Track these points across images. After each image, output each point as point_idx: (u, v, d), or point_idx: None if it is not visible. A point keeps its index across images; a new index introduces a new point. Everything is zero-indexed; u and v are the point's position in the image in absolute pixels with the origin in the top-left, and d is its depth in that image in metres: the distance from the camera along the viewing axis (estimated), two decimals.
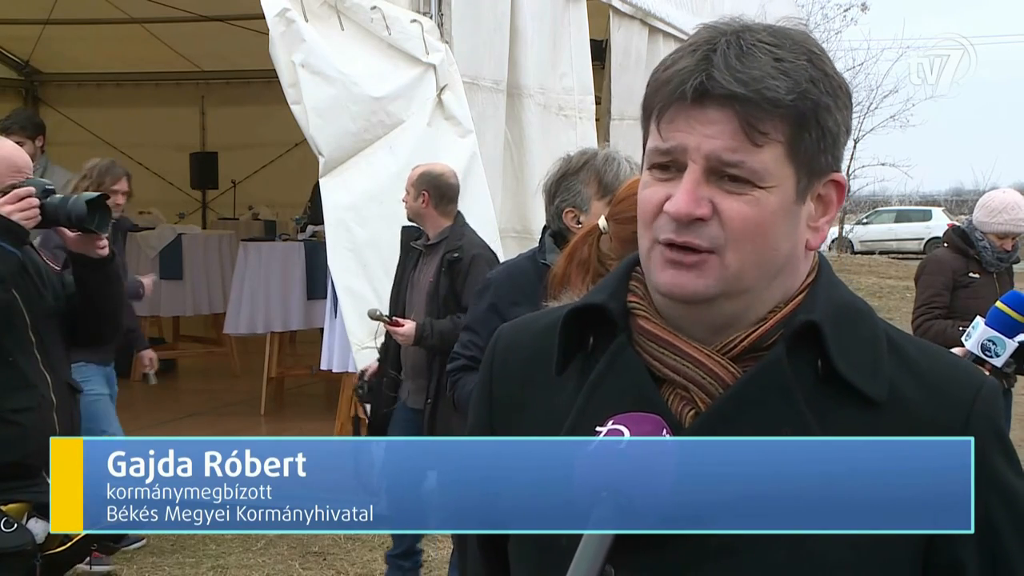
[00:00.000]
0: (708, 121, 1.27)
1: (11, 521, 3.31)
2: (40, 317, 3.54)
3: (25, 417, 3.43)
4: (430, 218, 5.18)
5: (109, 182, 5.89)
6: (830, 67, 1.31)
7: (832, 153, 1.32)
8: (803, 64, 1.28)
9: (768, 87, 1.25)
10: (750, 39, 1.28)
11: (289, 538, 6.62)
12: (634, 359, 1.35)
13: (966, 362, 1.45)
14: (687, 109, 1.28)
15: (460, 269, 5.05)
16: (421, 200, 5.18)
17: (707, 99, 1.26)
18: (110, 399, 5.99)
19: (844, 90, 1.33)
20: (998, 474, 1.32)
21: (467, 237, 5.18)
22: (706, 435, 1.29)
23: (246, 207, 12.89)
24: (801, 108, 1.27)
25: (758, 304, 1.33)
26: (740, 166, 1.27)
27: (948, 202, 44.12)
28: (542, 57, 7.90)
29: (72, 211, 3.48)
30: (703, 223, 1.28)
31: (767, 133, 1.26)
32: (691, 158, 1.28)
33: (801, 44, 1.30)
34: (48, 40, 11.53)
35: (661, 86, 1.30)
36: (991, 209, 5.90)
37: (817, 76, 1.29)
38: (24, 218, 3.44)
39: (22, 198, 3.44)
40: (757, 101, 1.25)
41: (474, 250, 5.10)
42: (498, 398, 1.48)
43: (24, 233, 3.46)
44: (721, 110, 1.26)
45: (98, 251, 3.56)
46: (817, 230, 1.35)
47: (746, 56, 1.27)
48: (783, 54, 1.28)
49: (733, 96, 1.25)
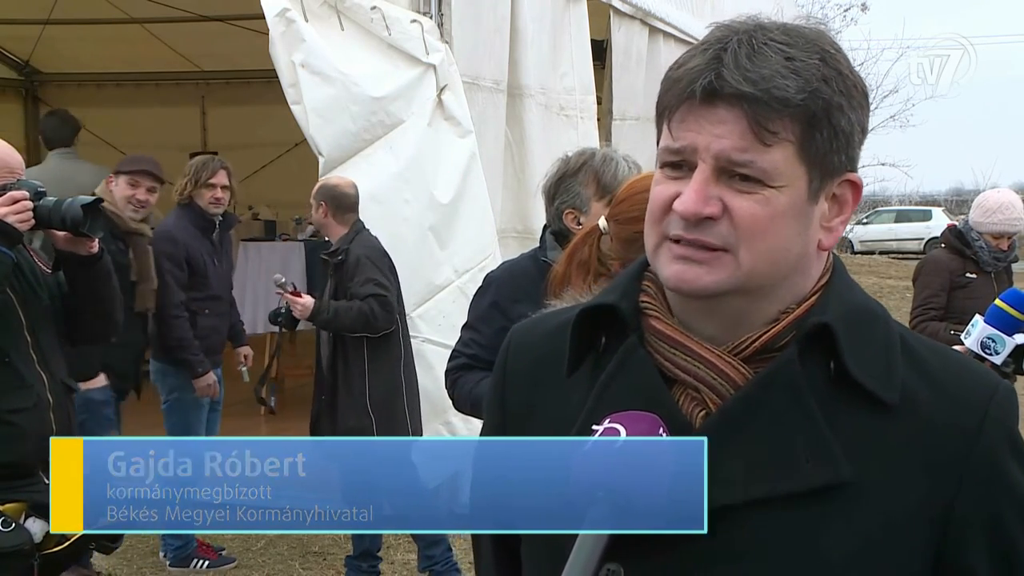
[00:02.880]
0: (718, 120, 1.26)
1: (9, 520, 3.31)
2: (36, 317, 3.54)
3: (21, 417, 3.42)
4: (331, 227, 5.51)
5: (205, 176, 5.99)
6: (845, 66, 1.30)
7: (846, 153, 1.31)
8: (815, 63, 1.27)
9: (777, 86, 1.25)
10: (762, 38, 1.27)
11: (289, 538, 6.62)
12: (645, 359, 1.35)
13: (982, 366, 1.43)
14: (697, 108, 1.27)
15: (346, 268, 5.37)
16: (321, 211, 5.51)
17: (717, 98, 1.26)
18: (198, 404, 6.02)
19: (859, 89, 1.31)
20: (1011, 480, 1.31)
21: (357, 240, 5.45)
22: (715, 436, 1.28)
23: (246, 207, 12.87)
24: (812, 107, 1.26)
25: (769, 303, 1.32)
26: (750, 166, 1.26)
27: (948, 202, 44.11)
28: (543, 57, 7.89)
29: (67, 214, 3.48)
30: (713, 222, 1.27)
31: (777, 132, 1.26)
32: (701, 157, 1.27)
33: (814, 43, 1.29)
34: (48, 40, 11.51)
35: (672, 85, 1.30)
36: (986, 209, 5.91)
37: (830, 75, 1.27)
38: (18, 220, 3.43)
39: (16, 200, 3.44)
40: (766, 100, 1.24)
41: (359, 250, 5.40)
42: (510, 400, 1.47)
43: (17, 235, 3.45)
44: (730, 109, 1.26)
45: (88, 249, 3.56)
46: (831, 230, 1.34)
47: (757, 55, 1.26)
48: (794, 53, 1.27)
49: (742, 95, 1.25)
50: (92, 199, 3.53)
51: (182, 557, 6.11)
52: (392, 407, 5.40)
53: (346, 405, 5.37)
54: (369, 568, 5.74)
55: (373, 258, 5.41)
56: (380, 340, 5.39)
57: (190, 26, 11.09)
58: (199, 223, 6.08)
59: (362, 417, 5.33)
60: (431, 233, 6.44)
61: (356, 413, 5.34)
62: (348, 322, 5.28)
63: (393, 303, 5.39)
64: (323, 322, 5.36)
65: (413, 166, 6.38)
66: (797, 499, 1.26)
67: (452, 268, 6.54)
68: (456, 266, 6.55)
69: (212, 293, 6.13)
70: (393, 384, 5.44)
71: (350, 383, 5.36)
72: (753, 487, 1.27)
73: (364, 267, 5.34)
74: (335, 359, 5.40)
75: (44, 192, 3.54)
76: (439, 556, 5.59)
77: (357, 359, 5.37)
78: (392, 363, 5.45)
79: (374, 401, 5.36)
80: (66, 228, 3.50)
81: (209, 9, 10.45)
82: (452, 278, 6.53)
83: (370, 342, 5.36)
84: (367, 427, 5.33)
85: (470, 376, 3.48)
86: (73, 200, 3.50)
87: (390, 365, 5.44)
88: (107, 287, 3.69)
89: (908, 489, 1.28)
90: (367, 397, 5.35)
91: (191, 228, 6.05)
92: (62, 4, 10.30)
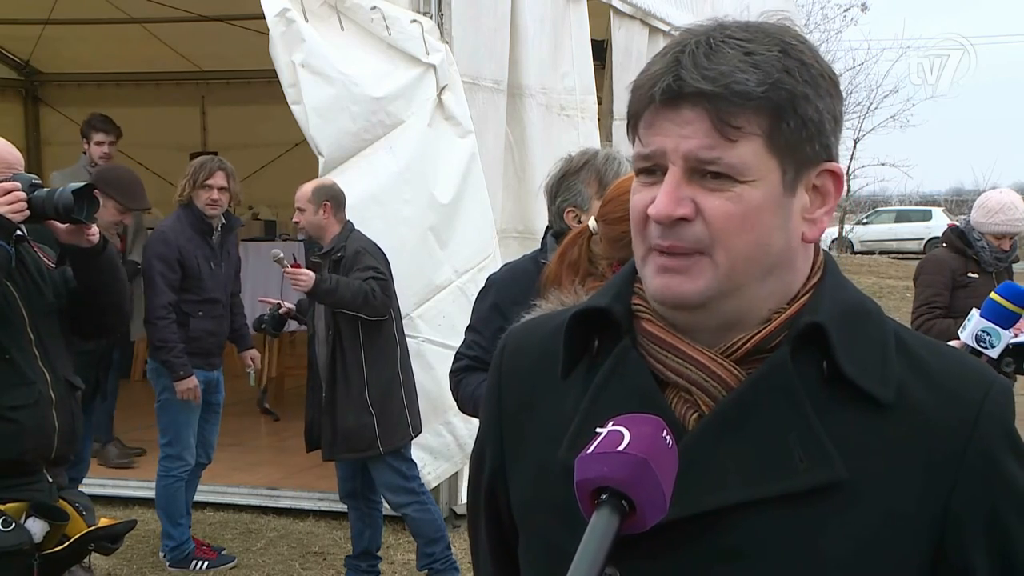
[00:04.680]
0: (683, 121, 1.26)
1: (9, 520, 3.30)
2: (39, 314, 3.54)
3: (22, 414, 3.42)
4: (330, 227, 5.51)
5: (203, 177, 6.01)
6: (808, 56, 1.29)
7: (819, 142, 1.30)
8: (774, 55, 1.26)
9: (737, 80, 1.24)
10: (719, 36, 1.27)
11: (289, 538, 6.63)
12: (638, 362, 1.35)
13: (978, 361, 1.42)
14: (662, 112, 1.27)
15: (345, 263, 5.37)
16: (323, 212, 5.49)
17: (679, 99, 1.26)
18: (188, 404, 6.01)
19: (826, 77, 1.30)
20: (1008, 476, 1.31)
21: (352, 237, 5.48)
22: (709, 438, 1.28)
23: (246, 207, 12.87)
24: (774, 99, 1.25)
25: (757, 302, 1.32)
26: (718, 162, 1.26)
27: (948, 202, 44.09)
28: (543, 57, 7.89)
29: (59, 202, 3.48)
30: (687, 223, 1.27)
31: (740, 127, 1.25)
32: (671, 160, 1.27)
33: (775, 36, 1.28)
34: (48, 40, 11.51)
35: (635, 92, 1.31)
36: (988, 209, 5.91)
37: (791, 65, 1.27)
38: (11, 211, 3.43)
39: (8, 191, 3.44)
40: (726, 96, 1.24)
41: (356, 245, 5.42)
42: (506, 401, 1.47)
43: (12, 227, 3.45)
44: (693, 109, 1.25)
45: (88, 240, 3.56)
46: (814, 222, 1.33)
47: (715, 53, 1.26)
48: (753, 47, 1.26)
49: (702, 93, 1.24)
50: (82, 185, 3.52)
51: (181, 558, 6.10)
52: (391, 403, 5.42)
53: (345, 403, 5.39)
54: (368, 568, 5.75)
55: (371, 251, 5.46)
56: (376, 336, 5.41)
57: (190, 26, 11.10)
58: (197, 225, 6.08)
59: (362, 414, 5.35)
60: (431, 233, 6.44)
61: (356, 410, 5.36)
62: (349, 296, 5.25)
63: (392, 290, 5.41)
64: (324, 291, 5.25)
65: (413, 166, 6.38)
66: (793, 500, 1.26)
67: (452, 268, 6.54)
68: (456, 266, 6.55)
69: (208, 296, 6.12)
70: (391, 380, 5.45)
71: (348, 381, 5.38)
72: (748, 488, 1.26)
73: (363, 257, 5.37)
74: (333, 357, 5.40)
75: (40, 184, 3.55)
76: (438, 554, 5.59)
77: (354, 356, 5.38)
78: (389, 359, 5.47)
79: (373, 397, 5.38)
80: (60, 216, 3.49)
81: (209, 9, 10.45)
82: (452, 278, 6.54)
83: (366, 339, 5.37)
84: (368, 424, 5.35)
85: (473, 378, 3.49)
86: (64, 188, 3.51)
87: (387, 361, 5.45)
88: (114, 278, 3.70)
89: (905, 487, 1.28)
90: (366, 394, 5.36)
91: (188, 230, 6.05)
92: (62, 4, 10.30)
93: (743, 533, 1.26)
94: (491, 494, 1.50)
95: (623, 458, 1.18)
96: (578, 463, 1.20)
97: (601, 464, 1.18)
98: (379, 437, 5.37)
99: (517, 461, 1.44)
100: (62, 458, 3.57)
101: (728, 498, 1.26)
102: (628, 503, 1.18)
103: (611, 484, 1.17)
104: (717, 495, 1.26)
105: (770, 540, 1.26)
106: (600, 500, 1.18)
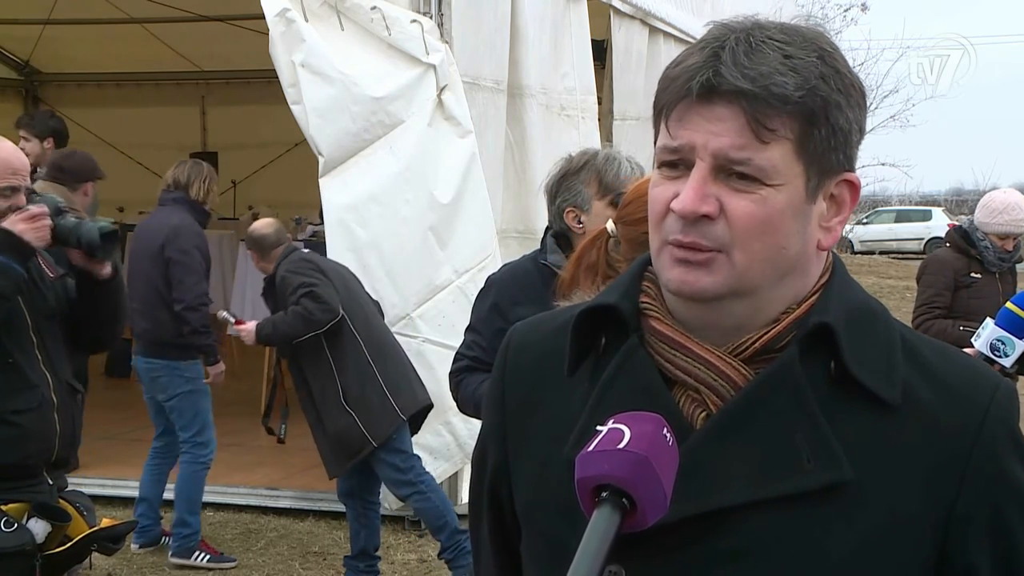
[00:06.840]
0: (715, 118, 1.25)
1: (11, 521, 3.31)
2: (42, 318, 3.54)
3: (25, 418, 3.42)
4: (268, 269, 5.74)
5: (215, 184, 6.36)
6: (842, 64, 1.29)
7: (843, 151, 1.30)
8: (813, 61, 1.26)
9: (776, 83, 1.24)
10: (760, 36, 1.26)
11: (289, 538, 6.63)
12: (645, 360, 1.34)
13: (983, 364, 1.43)
14: (695, 106, 1.26)
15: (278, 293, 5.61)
16: (255, 259, 5.85)
17: (715, 96, 1.25)
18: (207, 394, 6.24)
19: (857, 88, 1.31)
20: (1013, 478, 1.31)
21: (281, 265, 5.66)
22: (716, 437, 1.28)
23: (246, 207, 12.87)
24: (810, 105, 1.25)
25: (769, 304, 1.32)
26: (747, 163, 1.25)
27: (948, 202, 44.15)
28: (543, 57, 7.89)
29: (84, 237, 3.50)
30: (710, 221, 1.26)
31: (775, 130, 1.25)
32: (699, 155, 1.26)
33: (812, 41, 1.28)
34: (48, 40, 11.52)
35: (669, 83, 1.29)
36: (992, 209, 5.91)
37: (828, 73, 1.27)
38: (36, 238, 3.45)
39: (35, 216, 3.44)
40: (764, 97, 1.24)
41: (281, 272, 5.62)
42: (510, 398, 1.46)
43: (31, 252, 3.46)
44: (728, 107, 1.25)
45: (102, 274, 3.58)
46: (829, 230, 1.33)
47: (755, 52, 1.25)
48: (793, 51, 1.26)
49: (740, 92, 1.24)
50: (111, 227, 3.55)
51: (186, 548, 6.12)
52: (369, 395, 5.47)
53: (326, 411, 5.49)
54: (367, 568, 5.75)
55: (292, 269, 5.59)
56: (338, 339, 5.48)
57: (190, 26, 11.11)
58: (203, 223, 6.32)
59: (343, 417, 5.43)
60: (431, 233, 6.44)
61: (336, 416, 5.46)
62: (287, 328, 5.46)
63: (326, 292, 5.46)
64: (266, 337, 5.62)
65: (413, 166, 6.38)
66: (799, 499, 1.26)
67: (452, 268, 6.54)
68: (456, 266, 6.55)
69: None
70: (364, 373, 5.49)
71: (324, 390, 5.49)
72: (754, 488, 1.26)
73: (287, 281, 5.53)
74: (303, 375, 5.54)
75: (65, 210, 3.57)
76: (445, 542, 5.61)
77: (325, 368, 5.49)
78: (357, 354, 5.50)
79: (351, 398, 5.45)
80: (80, 248, 3.52)
81: (209, 9, 10.45)
82: (452, 278, 6.53)
83: (330, 346, 5.47)
84: (351, 424, 5.44)
85: (473, 378, 3.49)
86: (93, 224, 3.52)
87: (356, 357, 5.50)
88: (117, 303, 3.72)
89: (910, 488, 1.28)
90: (342, 398, 5.45)
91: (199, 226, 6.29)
92: (62, 4, 10.30)
93: (749, 533, 1.26)
94: (494, 491, 1.49)
95: (624, 456, 1.18)
96: (578, 461, 1.19)
97: (601, 462, 1.18)
98: (366, 433, 5.42)
99: (520, 459, 1.43)
100: (63, 461, 3.58)
101: (734, 498, 1.26)
102: (629, 501, 1.17)
103: (611, 482, 1.17)
104: (724, 494, 1.26)
105: (775, 540, 1.25)
106: (601, 498, 1.18)
